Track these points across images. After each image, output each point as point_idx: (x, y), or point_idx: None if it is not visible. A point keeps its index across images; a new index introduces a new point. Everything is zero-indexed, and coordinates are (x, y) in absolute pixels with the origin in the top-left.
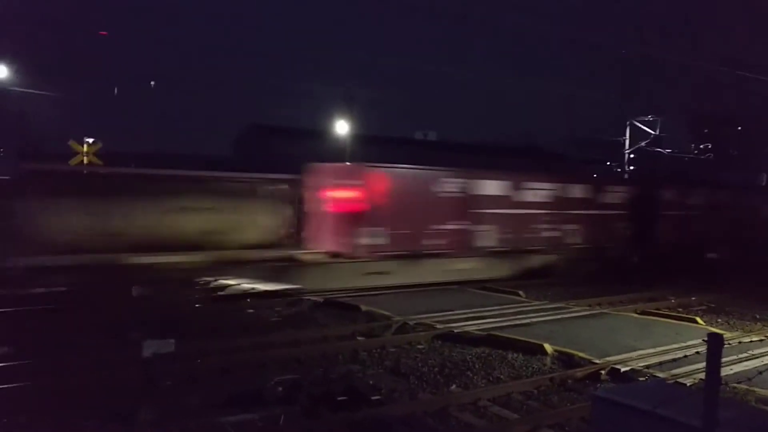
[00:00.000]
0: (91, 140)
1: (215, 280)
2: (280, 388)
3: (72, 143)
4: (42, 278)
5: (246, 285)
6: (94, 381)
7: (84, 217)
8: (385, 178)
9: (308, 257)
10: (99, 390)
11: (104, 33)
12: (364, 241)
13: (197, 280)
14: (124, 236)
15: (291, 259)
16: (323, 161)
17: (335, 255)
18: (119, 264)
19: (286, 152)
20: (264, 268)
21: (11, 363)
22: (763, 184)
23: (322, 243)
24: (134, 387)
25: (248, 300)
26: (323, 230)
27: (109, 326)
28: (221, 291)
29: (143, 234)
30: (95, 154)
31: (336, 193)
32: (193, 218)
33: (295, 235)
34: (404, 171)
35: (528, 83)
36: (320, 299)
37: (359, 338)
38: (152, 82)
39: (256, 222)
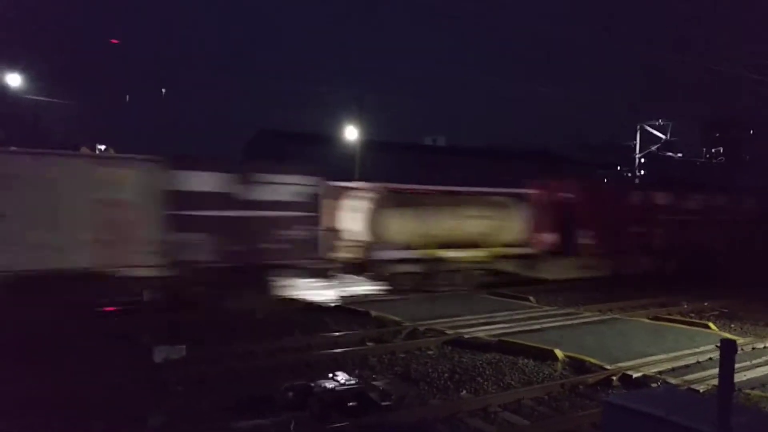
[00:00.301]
0: (103, 147)
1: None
2: (291, 394)
3: (84, 150)
4: (396, 266)
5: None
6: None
7: (414, 223)
8: (592, 192)
9: (541, 253)
10: None
11: (116, 41)
12: (580, 241)
13: None
14: (436, 237)
15: (535, 255)
16: (333, 166)
17: (557, 253)
18: (435, 257)
19: (295, 157)
20: (521, 262)
21: None
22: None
23: (548, 242)
24: None
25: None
26: (550, 232)
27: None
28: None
29: (446, 235)
30: None
31: (555, 203)
32: (475, 223)
33: (532, 236)
34: (602, 185)
35: (538, 87)
36: (330, 304)
37: (369, 344)
38: (163, 90)
39: (512, 226)
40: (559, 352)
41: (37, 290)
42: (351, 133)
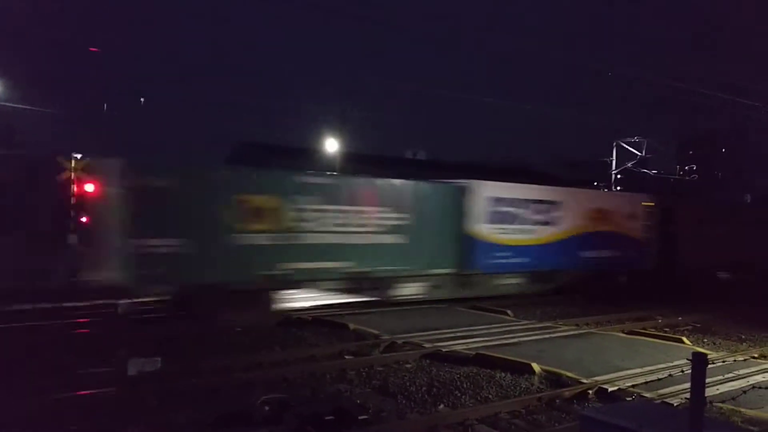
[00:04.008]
0: (78, 156)
1: None
2: (267, 408)
3: (60, 159)
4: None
5: None
6: None
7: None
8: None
9: None
10: None
11: (95, 49)
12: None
13: None
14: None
15: None
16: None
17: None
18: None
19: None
20: None
21: None
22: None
23: None
24: None
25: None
26: None
27: None
28: None
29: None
30: (83, 170)
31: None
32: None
33: None
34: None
35: (516, 104)
36: (309, 317)
37: (347, 357)
38: (142, 99)
39: None
40: (536, 366)
41: None
42: (331, 145)
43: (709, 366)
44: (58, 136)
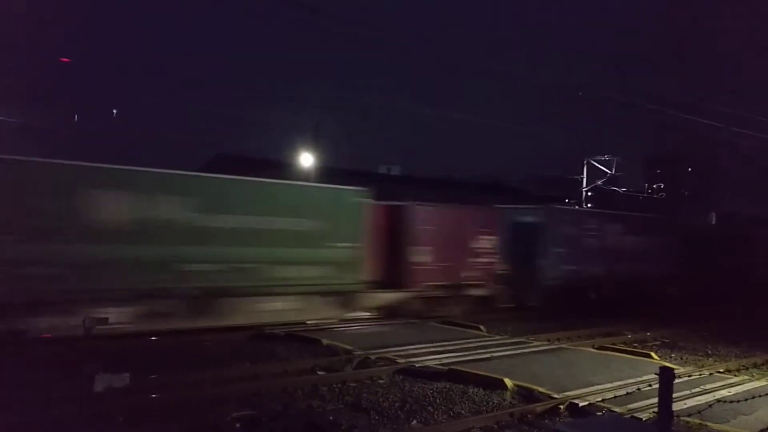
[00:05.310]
0: None
1: None
2: (238, 425)
3: None
4: None
5: None
6: None
7: None
8: None
9: None
10: None
11: (66, 60)
12: None
13: None
14: None
15: None
16: None
17: None
18: None
19: None
20: None
21: None
22: (712, 222)
23: None
24: None
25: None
26: None
27: None
28: None
29: None
30: None
31: None
32: None
33: None
34: None
35: (489, 121)
36: (281, 332)
37: (320, 373)
38: (114, 111)
39: None
40: (508, 381)
41: None
42: (306, 159)
43: (676, 381)
44: (31, 147)
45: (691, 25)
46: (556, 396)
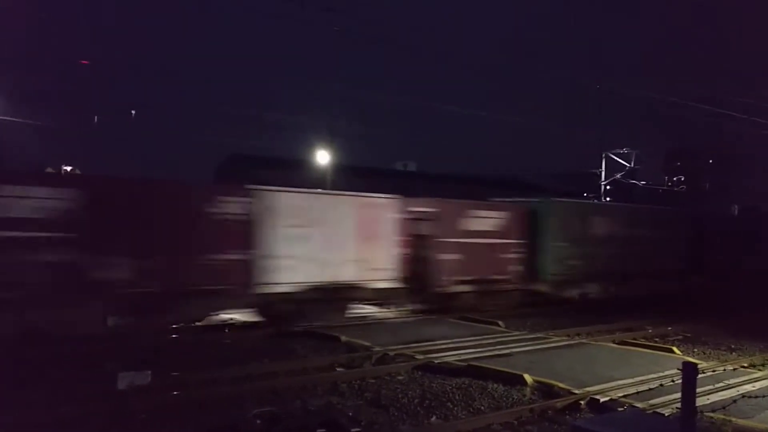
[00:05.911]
0: (69, 168)
1: None
2: (259, 421)
3: (50, 171)
4: None
5: None
6: None
7: None
8: None
9: None
10: None
11: (86, 62)
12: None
13: None
14: None
15: None
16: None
17: None
18: None
19: (267, 181)
20: None
21: None
22: (735, 215)
23: None
24: None
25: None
26: None
27: None
28: None
29: None
30: None
31: None
32: None
33: None
34: None
35: (508, 117)
36: (300, 329)
37: (339, 369)
38: (133, 111)
39: None
40: (528, 377)
41: None
42: (322, 157)
43: (700, 375)
44: (49, 149)
45: (711, 18)
46: (576, 392)
